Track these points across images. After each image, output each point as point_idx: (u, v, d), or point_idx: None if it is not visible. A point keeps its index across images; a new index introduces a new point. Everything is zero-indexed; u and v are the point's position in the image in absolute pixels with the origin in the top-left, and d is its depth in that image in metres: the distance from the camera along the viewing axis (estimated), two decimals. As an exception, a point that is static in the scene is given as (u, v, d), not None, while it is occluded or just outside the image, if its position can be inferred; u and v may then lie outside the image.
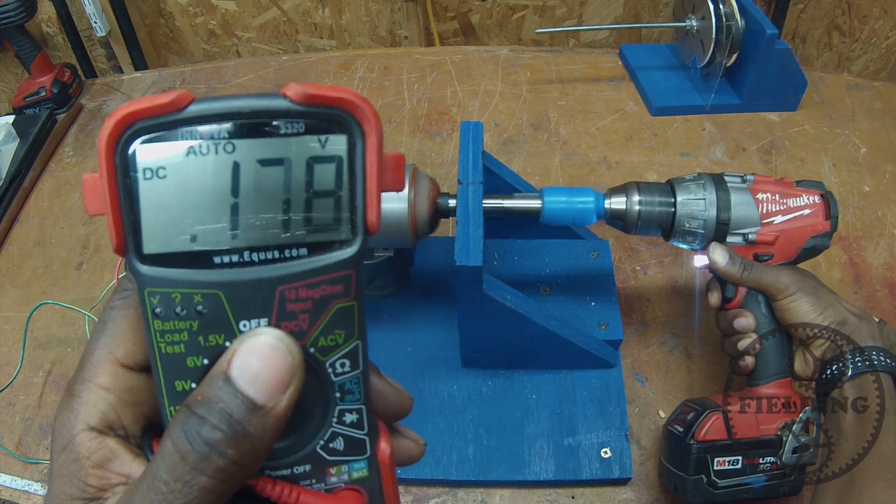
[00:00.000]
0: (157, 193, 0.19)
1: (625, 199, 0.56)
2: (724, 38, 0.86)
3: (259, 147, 0.19)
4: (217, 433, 0.18)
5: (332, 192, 0.20)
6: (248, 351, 0.19)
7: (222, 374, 0.19)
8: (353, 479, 0.22)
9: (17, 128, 0.94)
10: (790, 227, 0.54)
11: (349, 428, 0.22)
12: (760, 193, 0.54)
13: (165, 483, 0.18)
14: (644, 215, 0.55)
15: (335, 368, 0.21)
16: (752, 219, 0.54)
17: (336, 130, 0.20)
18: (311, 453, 0.21)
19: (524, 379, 0.65)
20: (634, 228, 0.56)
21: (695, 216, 0.54)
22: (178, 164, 0.19)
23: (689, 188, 0.55)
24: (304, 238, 0.20)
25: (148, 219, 0.19)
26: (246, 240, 0.20)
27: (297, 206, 0.20)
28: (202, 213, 0.19)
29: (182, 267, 0.19)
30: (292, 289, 0.20)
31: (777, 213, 0.54)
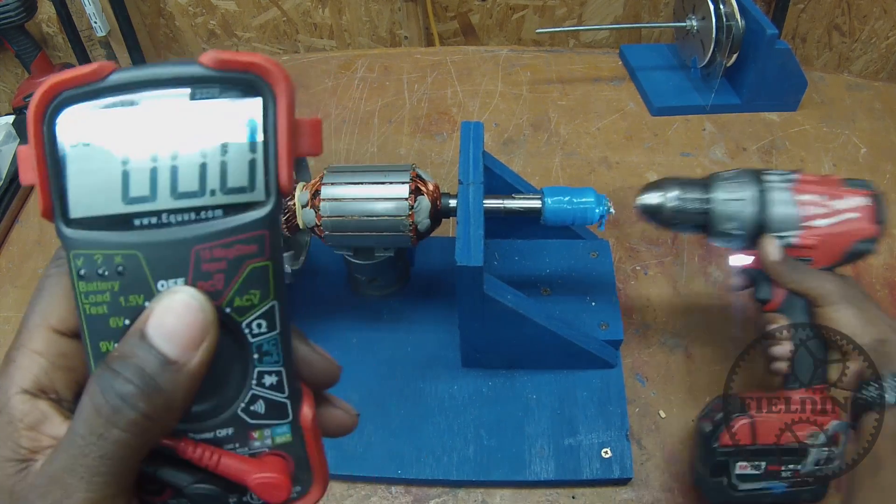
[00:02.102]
0: (82, 159, 0.20)
1: (660, 194, 0.53)
2: (725, 38, 0.86)
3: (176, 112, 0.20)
4: (129, 387, 0.19)
5: (245, 154, 0.21)
6: (163, 309, 0.20)
7: (139, 332, 0.20)
8: (277, 444, 0.22)
9: (17, 128, 0.94)
10: (834, 231, 0.51)
11: (269, 391, 0.22)
12: (804, 195, 0.51)
13: (81, 436, 0.19)
14: (679, 212, 0.53)
15: (252, 329, 0.21)
16: (792, 221, 0.51)
17: (248, 94, 0.20)
18: (233, 416, 0.22)
19: (524, 379, 0.65)
20: (670, 225, 0.54)
21: (732, 217, 0.51)
22: (101, 131, 0.20)
23: (727, 186, 0.52)
24: (218, 200, 0.20)
25: (74, 184, 0.20)
26: (164, 202, 0.20)
27: (212, 169, 0.20)
28: (124, 178, 0.20)
29: (104, 229, 0.20)
30: (207, 249, 0.20)
31: (820, 216, 0.50)
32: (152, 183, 0.20)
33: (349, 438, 0.62)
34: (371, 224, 0.56)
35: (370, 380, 0.66)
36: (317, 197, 0.56)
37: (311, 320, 0.71)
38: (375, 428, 0.63)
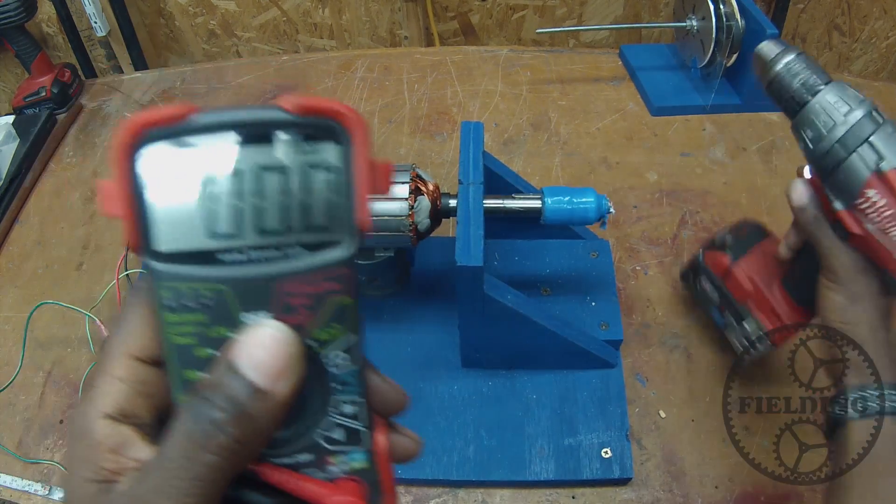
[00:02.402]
0: (167, 197, 0.21)
1: (779, 50, 0.47)
2: (725, 38, 0.86)
3: (259, 154, 0.21)
4: (221, 414, 0.20)
5: (326, 195, 0.22)
6: (252, 340, 0.21)
7: (227, 362, 0.21)
8: (353, 470, 0.23)
9: (17, 128, 0.94)
10: (873, 245, 0.44)
11: (348, 419, 0.23)
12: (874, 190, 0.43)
13: (172, 460, 0.20)
14: (778, 79, 0.46)
15: (333, 361, 0.23)
16: (846, 196, 0.45)
17: (328, 138, 0.21)
18: (313, 442, 0.23)
19: (525, 379, 0.65)
20: (768, 88, 0.48)
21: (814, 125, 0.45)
22: (185, 170, 0.21)
23: (841, 94, 0.44)
24: (301, 238, 0.21)
25: (159, 220, 0.21)
26: (248, 239, 0.21)
27: (294, 209, 0.21)
28: (208, 215, 0.21)
29: (191, 264, 0.21)
30: (292, 284, 0.21)
31: (873, 224, 0.44)
32: (237, 220, 0.21)
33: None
34: (371, 224, 0.56)
35: (370, 380, 0.66)
36: (317, 197, 0.56)
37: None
38: (375, 428, 0.63)
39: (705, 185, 0.86)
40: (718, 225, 0.81)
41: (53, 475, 0.64)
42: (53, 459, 0.65)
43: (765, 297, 0.59)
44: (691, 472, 0.61)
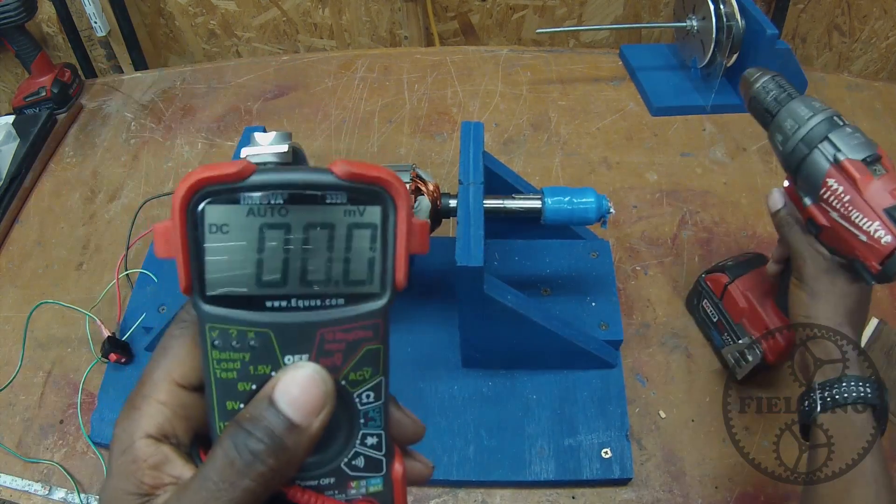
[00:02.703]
0: (221, 246, 0.23)
1: (758, 74, 0.54)
2: (725, 38, 0.86)
3: (308, 213, 0.23)
4: (261, 445, 0.22)
5: (366, 253, 0.24)
6: (291, 380, 0.23)
7: (267, 398, 0.23)
8: (370, 493, 0.26)
9: (17, 128, 0.94)
10: (840, 233, 0.49)
11: (370, 449, 0.25)
12: (833, 179, 0.48)
13: (214, 483, 0.22)
14: (756, 96, 0.53)
15: (361, 399, 0.25)
16: (812, 190, 0.50)
17: (373, 202, 0.23)
18: (337, 469, 0.25)
19: (525, 379, 0.65)
20: (747, 104, 0.55)
21: (784, 131, 0.50)
22: (239, 223, 0.23)
23: (808, 104, 0.50)
24: (341, 290, 0.24)
25: (212, 266, 0.23)
26: (293, 289, 0.23)
27: (337, 264, 0.23)
28: (258, 265, 0.23)
29: (239, 308, 0.23)
30: (330, 331, 0.24)
31: (836, 211, 0.48)
32: (284, 271, 0.23)
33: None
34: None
35: (370, 380, 0.66)
36: (317, 197, 0.56)
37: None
38: (375, 428, 0.63)
39: (705, 185, 0.86)
40: (718, 225, 0.81)
41: (53, 475, 0.64)
42: (53, 459, 0.65)
43: (758, 312, 0.61)
44: (691, 472, 0.61)
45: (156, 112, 1.03)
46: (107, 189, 0.91)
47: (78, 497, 0.63)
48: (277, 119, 0.99)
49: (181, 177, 0.72)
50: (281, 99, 1.02)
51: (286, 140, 0.54)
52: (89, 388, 0.69)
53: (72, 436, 0.66)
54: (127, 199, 0.90)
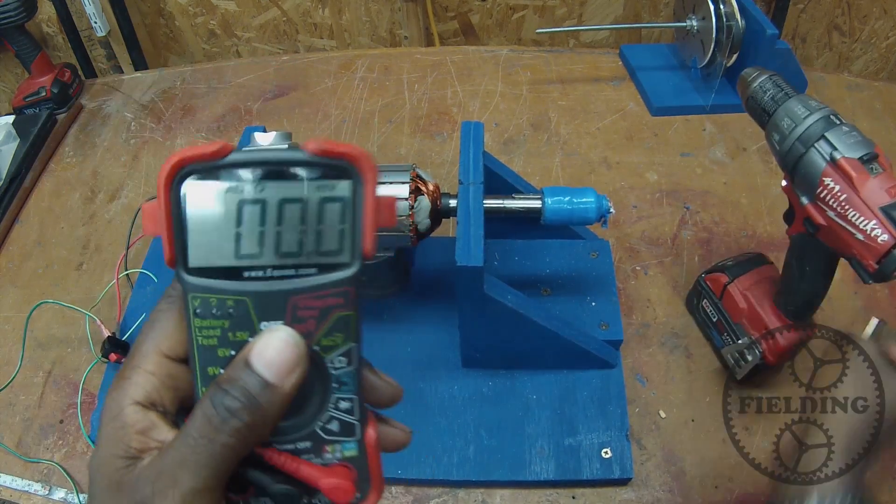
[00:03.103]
0: (202, 221, 0.24)
1: (755, 74, 0.54)
2: (725, 38, 0.86)
3: (282, 188, 0.25)
4: (237, 403, 0.24)
5: (337, 225, 0.25)
6: (265, 343, 0.24)
7: (244, 360, 0.24)
8: (345, 457, 0.27)
9: (17, 128, 0.94)
10: (837, 232, 0.49)
11: (343, 413, 0.26)
12: (829, 178, 0.48)
13: (194, 439, 0.23)
14: (753, 95, 0.53)
15: (334, 364, 0.26)
16: (809, 189, 0.49)
17: (342, 177, 0.25)
18: (312, 432, 0.26)
19: (525, 379, 0.65)
20: (745, 104, 0.55)
21: (780, 130, 0.50)
22: (219, 199, 0.24)
23: (804, 103, 0.50)
24: (314, 260, 0.25)
25: (194, 240, 0.25)
26: (269, 259, 0.25)
27: (309, 235, 0.25)
28: (237, 238, 0.25)
29: (219, 278, 0.25)
30: (303, 299, 0.25)
31: (833, 210, 0.48)
32: (260, 244, 0.25)
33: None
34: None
35: (370, 380, 0.66)
36: (317, 197, 0.56)
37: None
38: (375, 428, 0.63)
39: (705, 185, 0.86)
40: (718, 225, 0.81)
41: (53, 475, 0.64)
42: (53, 459, 0.65)
43: (757, 312, 0.61)
44: (691, 472, 0.61)
45: (156, 112, 1.03)
46: (107, 189, 0.91)
47: (77, 497, 0.63)
48: (277, 119, 0.99)
49: None
50: (281, 99, 1.02)
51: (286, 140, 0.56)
52: (89, 388, 0.69)
53: (72, 436, 0.66)
54: (127, 199, 0.90)
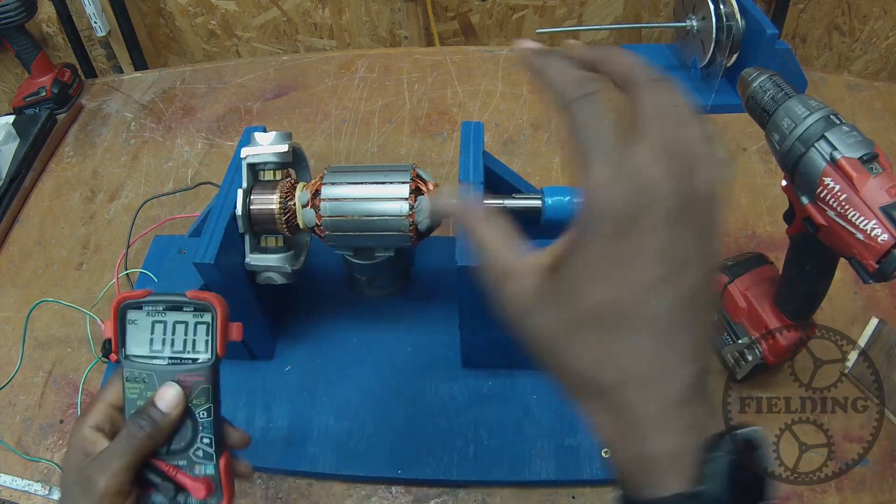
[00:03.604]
0: (133, 330, 0.44)
1: (755, 74, 0.54)
2: (725, 38, 0.86)
3: (175, 314, 0.44)
4: (145, 422, 0.41)
5: (203, 336, 0.44)
6: (163, 391, 0.42)
7: (152, 401, 0.42)
8: (206, 474, 0.43)
9: (17, 128, 0.94)
10: (838, 232, 0.48)
11: (205, 446, 0.43)
12: (829, 178, 0.48)
13: (120, 442, 0.41)
14: (753, 95, 0.53)
15: (200, 414, 0.43)
16: (809, 189, 0.49)
17: (206, 310, 0.44)
18: (187, 455, 0.43)
19: (524, 379, 0.65)
20: (745, 103, 0.55)
21: (780, 127, 0.50)
22: (142, 318, 0.44)
23: (804, 103, 0.50)
24: (190, 355, 0.44)
25: (129, 339, 0.44)
26: (167, 353, 0.44)
27: (188, 341, 0.44)
28: (150, 341, 0.44)
29: (139, 360, 0.44)
30: (183, 375, 0.43)
31: (833, 209, 0.48)
32: (162, 345, 0.44)
33: (350, 438, 0.62)
34: (371, 224, 0.56)
35: (370, 380, 0.66)
36: (317, 197, 0.56)
37: (311, 320, 0.71)
38: (375, 428, 0.63)
39: (705, 185, 0.86)
40: (718, 225, 0.81)
41: (53, 475, 0.64)
42: (53, 459, 0.65)
43: (757, 312, 0.61)
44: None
45: (156, 112, 1.03)
46: (107, 189, 0.92)
47: (78, 497, 0.63)
48: (277, 119, 0.99)
49: (181, 177, 0.74)
50: (281, 99, 1.02)
51: (286, 140, 0.61)
52: (89, 388, 0.69)
53: (72, 436, 0.67)
54: (127, 199, 0.90)
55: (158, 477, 0.42)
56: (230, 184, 0.59)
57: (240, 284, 0.59)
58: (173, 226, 0.83)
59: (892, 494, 0.60)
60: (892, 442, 0.63)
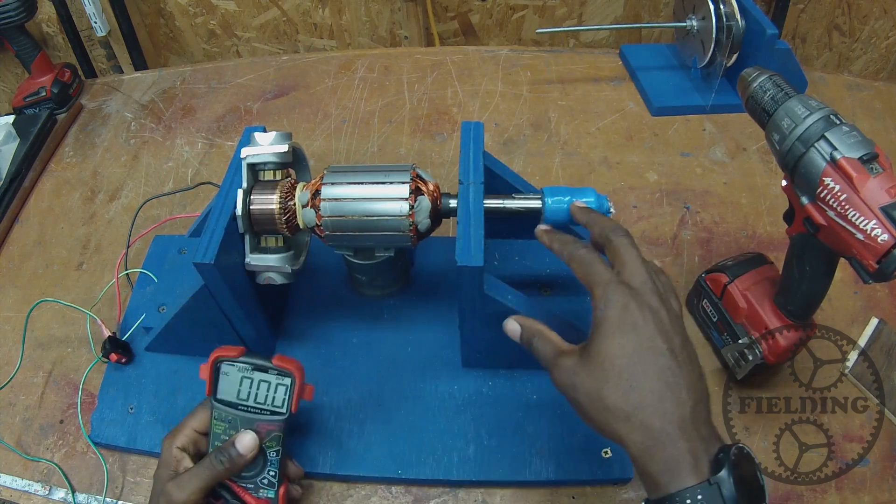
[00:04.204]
0: (224, 379, 0.54)
1: (755, 74, 0.54)
2: (725, 38, 0.86)
3: (260, 374, 0.54)
4: (225, 457, 0.52)
5: (282, 395, 0.54)
6: (242, 436, 0.53)
7: (232, 442, 0.53)
8: (267, 497, 0.54)
9: (17, 128, 0.94)
10: (838, 232, 0.49)
11: (270, 476, 0.54)
12: (829, 178, 0.48)
13: (201, 468, 0.51)
14: (753, 95, 0.53)
15: (270, 454, 0.54)
16: (809, 189, 0.50)
17: (287, 375, 0.54)
18: (255, 482, 0.54)
19: (525, 379, 0.65)
20: (745, 103, 0.55)
21: (780, 127, 0.50)
22: (233, 372, 0.54)
23: (804, 103, 0.50)
24: (268, 407, 0.54)
25: (220, 387, 0.54)
26: (251, 402, 0.54)
27: (269, 397, 0.54)
28: (238, 392, 0.54)
29: (227, 406, 0.54)
30: (260, 424, 0.53)
31: (833, 210, 0.48)
32: (248, 395, 0.54)
33: (349, 438, 0.62)
34: (371, 224, 0.56)
35: (370, 380, 0.66)
36: (317, 197, 0.56)
37: (311, 320, 0.71)
38: (375, 428, 0.63)
39: (705, 185, 0.86)
40: (718, 225, 0.81)
41: (53, 475, 0.64)
42: (53, 459, 0.65)
43: (757, 312, 0.61)
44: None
45: (156, 112, 1.03)
46: (107, 189, 0.92)
47: (76, 497, 0.63)
48: (277, 119, 0.99)
49: (181, 177, 0.74)
50: (281, 99, 1.02)
51: (286, 140, 0.61)
52: (89, 388, 0.69)
53: (72, 436, 0.67)
54: (127, 199, 0.90)
55: (228, 494, 0.53)
56: (230, 184, 0.59)
57: (240, 284, 0.59)
58: (173, 226, 0.83)
59: (892, 494, 0.60)
60: (892, 442, 0.63)
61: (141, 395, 0.66)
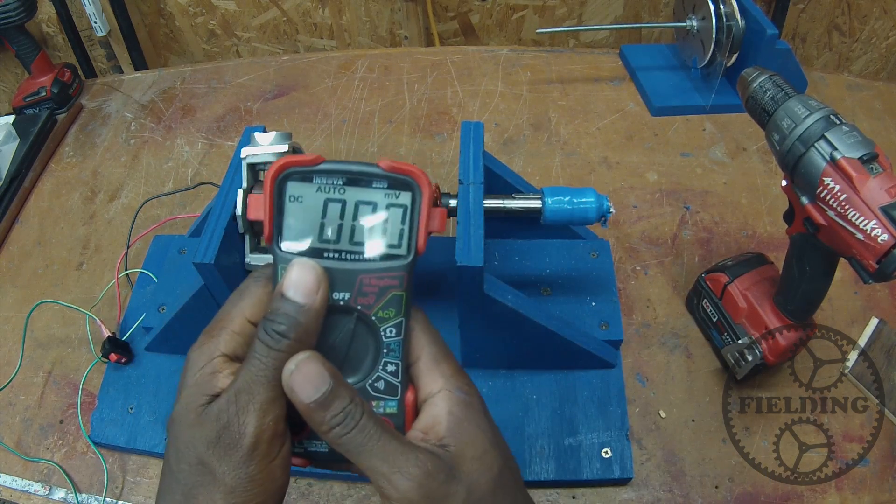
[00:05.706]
0: (296, 210, 0.32)
1: (755, 74, 0.54)
2: (725, 38, 0.86)
3: (359, 193, 0.32)
4: (282, 325, 0.29)
5: (398, 225, 0.32)
6: (290, 275, 0.30)
7: (279, 293, 0.30)
8: (387, 413, 0.32)
9: (17, 128, 0.94)
10: (838, 232, 0.49)
11: (389, 375, 0.32)
12: (829, 178, 0.48)
13: (259, 360, 0.29)
14: (753, 95, 0.53)
15: (385, 332, 0.32)
16: (809, 189, 0.50)
17: (406, 189, 0.32)
18: (363, 388, 0.32)
19: (525, 379, 0.65)
20: (745, 103, 0.55)
21: (780, 127, 0.50)
22: (310, 195, 0.32)
23: (804, 103, 0.50)
24: (378, 249, 0.32)
25: (288, 224, 0.32)
26: (344, 246, 0.32)
27: (377, 231, 0.32)
28: (321, 227, 0.32)
29: (304, 255, 0.32)
30: (367, 277, 0.32)
31: (833, 209, 0.48)
32: (338, 233, 0.32)
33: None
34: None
35: (370, 380, 0.66)
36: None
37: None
38: (375, 428, 0.63)
39: (705, 185, 0.86)
40: (718, 225, 0.81)
41: (53, 475, 0.64)
42: (53, 459, 0.65)
43: (757, 312, 0.61)
44: (691, 472, 0.61)
45: (156, 112, 1.03)
46: (107, 189, 0.92)
47: (76, 497, 0.63)
48: (277, 119, 0.99)
49: (181, 177, 0.73)
50: (281, 99, 1.02)
51: (286, 140, 0.58)
52: (89, 388, 0.69)
53: (72, 436, 0.67)
54: (127, 199, 0.90)
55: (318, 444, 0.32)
56: (230, 184, 0.59)
57: (240, 284, 0.59)
58: (173, 226, 0.83)
59: (892, 494, 0.60)
60: (892, 442, 0.63)
61: (141, 395, 0.66)
